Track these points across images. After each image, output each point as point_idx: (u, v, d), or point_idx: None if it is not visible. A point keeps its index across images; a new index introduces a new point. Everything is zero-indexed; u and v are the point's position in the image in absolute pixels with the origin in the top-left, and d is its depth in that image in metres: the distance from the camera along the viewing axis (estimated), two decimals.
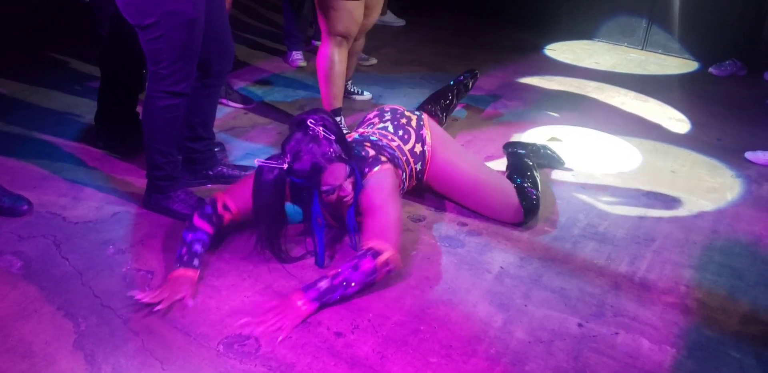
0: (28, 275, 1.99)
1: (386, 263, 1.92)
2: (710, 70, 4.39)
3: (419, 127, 2.44)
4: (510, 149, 2.83)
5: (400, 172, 2.30)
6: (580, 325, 1.92)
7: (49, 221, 2.27)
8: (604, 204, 2.64)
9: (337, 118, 2.94)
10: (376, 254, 1.90)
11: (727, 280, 2.18)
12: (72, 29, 4.03)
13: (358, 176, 2.08)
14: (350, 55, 3.09)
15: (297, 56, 4.02)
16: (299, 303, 1.85)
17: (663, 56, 4.73)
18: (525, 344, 1.83)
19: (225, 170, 2.58)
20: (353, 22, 2.82)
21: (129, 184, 2.54)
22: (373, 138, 2.34)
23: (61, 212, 2.32)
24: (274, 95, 3.55)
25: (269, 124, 3.18)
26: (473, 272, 2.14)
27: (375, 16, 3.06)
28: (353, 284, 1.88)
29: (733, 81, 4.25)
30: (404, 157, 2.35)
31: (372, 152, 2.21)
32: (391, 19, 5.13)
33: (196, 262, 1.98)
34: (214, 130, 2.60)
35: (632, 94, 3.92)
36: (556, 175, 2.83)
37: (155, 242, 2.19)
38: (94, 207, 2.37)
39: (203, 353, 1.72)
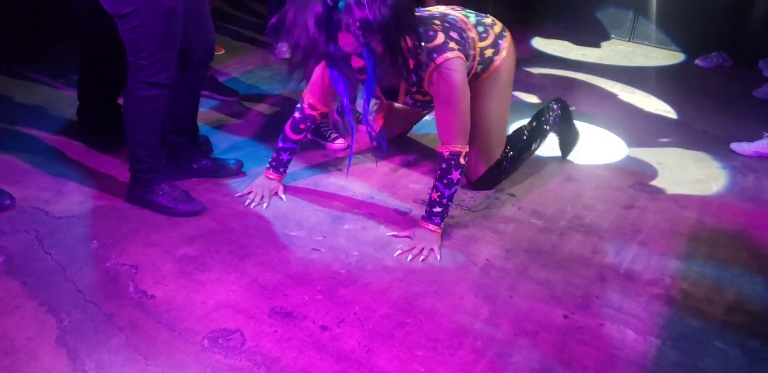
0: (10, 270, 1.96)
1: (464, 165, 2.21)
2: (696, 61, 4.40)
3: (500, 36, 2.40)
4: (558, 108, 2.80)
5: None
6: (565, 316, 1.92)
7: (32, 215, 2.24)
8: (591, 195, 2.64)
9: (324, 120, 2.87)
10: (458, 164, 2.19)
11: (712, 270, 2.19)
12: (53, 20, 3.98)
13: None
14: None
15: (283, 48, 3.99)
16: (432, 228, 2.23)
17: (650, 48, 4.74)
18: (511, 336, 1.83)
19: (210, 163, 2.56)
20: None
21: (113, 178, 2.51)
22: (451, 17, 2.28)
23: (44, 206, 2.30)
24: (259, 87, 3.53)
25: (254, 117, 3.16)
26: (459, 265, 2.14)
27: None
28: (452, 191, 2.21)
29: (719, 72, 4.27)
30: (473, 52, 2.30)
31: (441, 36, 2.12)
32: None
33: (281, 169, 2.46)
34: (199, 123, 2.58)
35: (619, 85, 3.92)
36: (543, 166, 2.83)
37: (139, 236, 2.17)
38: (78, 201, 2.35)
39: (188, 348, 1.71)
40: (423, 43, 2.08)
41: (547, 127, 2.78)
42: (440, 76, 2.10)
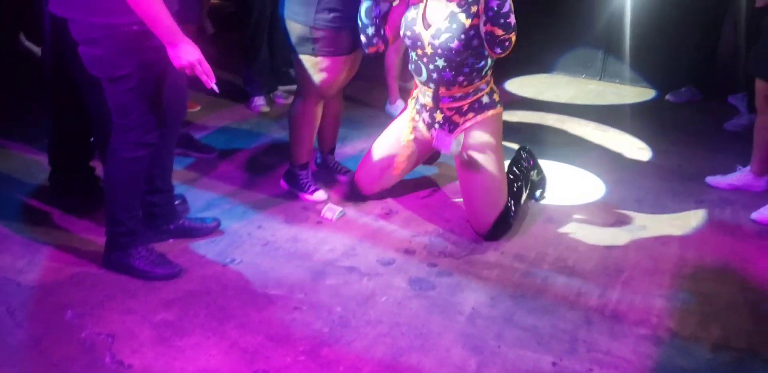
0: None
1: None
2: (667, 97, 4.52)
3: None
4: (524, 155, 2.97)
5: None
6: (554, 364, 1.92)
7: (3, 287, 2.22)
8: (572, 236, 2.67)
9: (303, 172, 2.91)
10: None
11: (697, 307, 2.21)
12: (24, 80, 4.02)
13: None
14: (328, 120, 2.95)
15: (259, 102, 4.06)
16: None
17: (621, 86, 4.86)
18: None
19: (187, 223, 2.57)
20: (339, 80, 2.72)
21: (88, 242, 2.50)
22: None
23: (16, 276, 2.28)
24: (236, 143, 3.57)
25: (231, 173, 3.18)
26: (445, 315, 2.14)
27: (352, 75, 2.85)
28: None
29: (690, 107, 4.38)
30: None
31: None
32: None
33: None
34: (174, 182, 2.60)
35: (593, 124, 4.01)
36: (524, 208, 2.87)
37: (115, 303, 2.15)
38: (52, 269, 2.33)
39: None
40: None
41: (531, 174, 2.89)
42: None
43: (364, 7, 2.53)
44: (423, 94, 2.72)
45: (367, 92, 4.29)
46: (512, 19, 2.40)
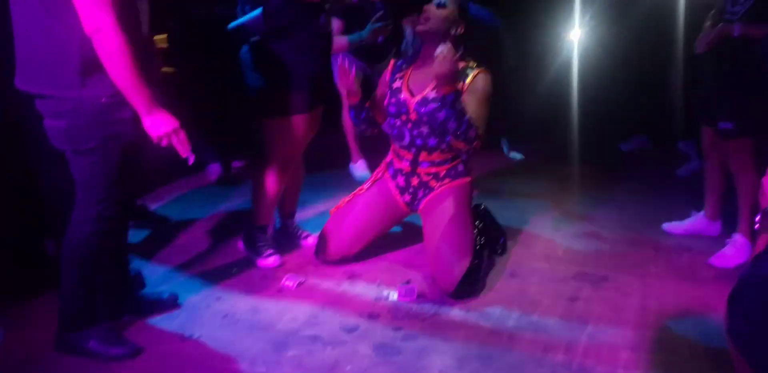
0: None
1: (475, 147, 2.58)
2: (619, 146, 4.68)
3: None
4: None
5: None
6: None
7: None
8: (535, 290, 2.69)
9: (261, 235, 2.92)
10: (469, 142, 2.55)
11: (662, 356, 2.22)
12: None
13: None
14: (289, 184, 2.98)
15: (215, 169, 4.08)
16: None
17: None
18: None
19: (142, 299, 2.52)
20: (300, 139, 2.76)
21: (36, 325, 2.41)
22: None
23: None
24: (192, 212, 3.56)
25: (188, 243, 3.16)
26: None
27: (312, 135, 2.92)
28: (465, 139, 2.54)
29: (643, 155, 4.54)
30: None
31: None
32: None
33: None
34: (129, 255, 2.56)
35: (548, 176, 4.11)
36: (488, 264, 2.89)
37: None
38: None
39: None
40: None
41: (490, 230, 2.96)
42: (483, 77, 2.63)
43: (352, 114, 2.78)
44: (400, 159, 2.79)
45: (327, 152, 4.35)
46: (473, 132, 2.53)
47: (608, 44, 4.59)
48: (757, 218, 0.85)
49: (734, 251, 2.91)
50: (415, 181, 2.79)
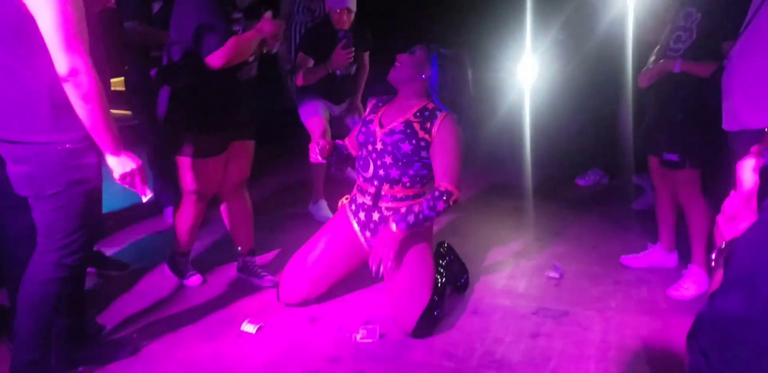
0: None
1: (454, 201, 2.64)
2: (576, 181, 4.79)
3: None
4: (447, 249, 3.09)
5: None
6: None
7: None
8: (498, 327, 2.72)
9: (183, 259, 3.10)
10: (446, 202, 2.63)
11: None
12: None
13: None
14: (237, 220, 3.11)
15: (171, 212, 4.04)
16: (393, 228, 2.64)
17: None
18: None
19: (99, 349, 2.47)
20: (209, 180, 2.89)
21: None
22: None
23: None
24: (150, 257, 3.51)
25: (145, 289, 3.11)
26: None
27: (245, 172, 3.06)
28: (431, 215, 2.64)
29: (599, 189, 4.66)
30: None
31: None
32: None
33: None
34: (86, 302, 2.52)
35: (507, 212, 4.18)
36: (449, 301, 2.91)
37: None
38: None
39: None
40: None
41: (453, 267, 2.99)
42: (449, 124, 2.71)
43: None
44: (363, 194, 2.84)
45: (287, 192, 4.36)
46: (441, 205, 2.64)
47: (560, 81, 4.75)
48: (713, 256, 0.90)
49: (690, 283, 2.99)
50: (375, 216, 2.82)
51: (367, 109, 2.98)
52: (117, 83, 5.04)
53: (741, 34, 2.50)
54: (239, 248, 3.16)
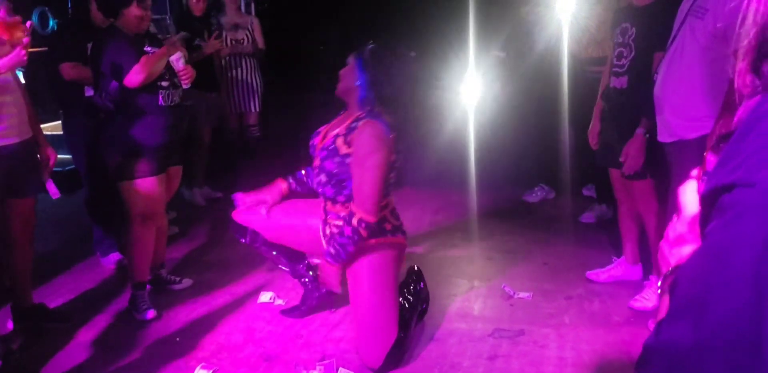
0: None
1: (366, 225, 2.51)
2: (523, 197, 4.91)
3: None
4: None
5: None
6: None
7: None
8: (455, 352, 2.76)
9: (140, 292, 3.19)
10: (359, 221, 2.50)
11: None
12: None
13: None
14: (158, 236, 3.31)
15: (114, 258, 3.97)
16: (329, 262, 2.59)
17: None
18: None
19: None
20: (155, 200, 3.13)
21: None
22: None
23: None
24: (94, 307, 3.44)
25: (86, 338, 3.04)
26: None
27: (172, 191, 3.43)
28: (344, 243, 2.54)
29: (546, 205, 4.79)
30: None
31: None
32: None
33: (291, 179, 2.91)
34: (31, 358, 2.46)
35: (459, 233, 4.26)
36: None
37: None
38: None
39: None
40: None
41: (422, 294, 2.99)
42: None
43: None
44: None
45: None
46: (352, 233, 2.55)
47: (503, 99, 4.91)
48: (659, 283, 0.91)
49: (651, 293, 3.04)
50: (327, 230, 2.71)
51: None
52: (55, 127, 4.99)
53: (668, 47, 2.64)
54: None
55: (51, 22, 5.69)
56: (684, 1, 2.62)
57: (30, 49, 2.53)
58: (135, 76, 2.97)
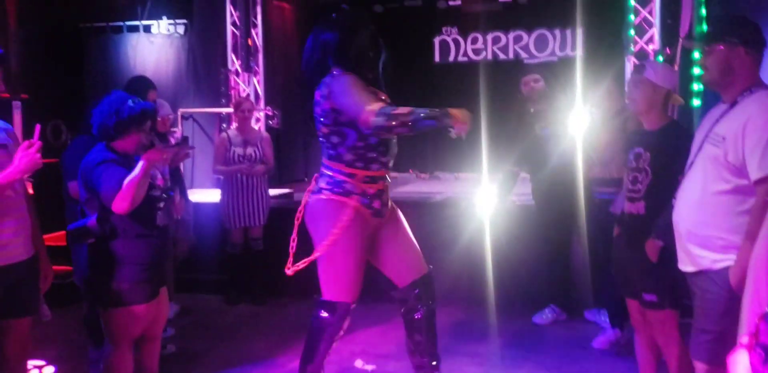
0: None
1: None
2: (533, 320, 4.82)
3: None
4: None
5: None
6: None
7: None
8: None
9: None
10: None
11: None
12: None
13: None
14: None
15: (46, 312, 3.77)
16: None
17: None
18: None
19: None
20: (141, 326, 3.00)
21: None
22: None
23: None
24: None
25: None
26: None
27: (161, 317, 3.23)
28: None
29: (557, 327, 4.69)
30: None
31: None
32: None
33: None
34: None
35: (466, 359, 4.15)
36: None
37: None
38: None
39: None
40: None
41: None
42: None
43: None
44: (374, 182, 3.08)
45: None
46: None
47: (517, 218, 4.95)
48: None
49: None
50: (386, 197, 3.13)
51: None
52: (59, 238, 5.01)
53: (685, 173, 2.64)
54: None
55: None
56: (700, 127, 2.65)
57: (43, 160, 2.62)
58: (121, 203, 2.82)
